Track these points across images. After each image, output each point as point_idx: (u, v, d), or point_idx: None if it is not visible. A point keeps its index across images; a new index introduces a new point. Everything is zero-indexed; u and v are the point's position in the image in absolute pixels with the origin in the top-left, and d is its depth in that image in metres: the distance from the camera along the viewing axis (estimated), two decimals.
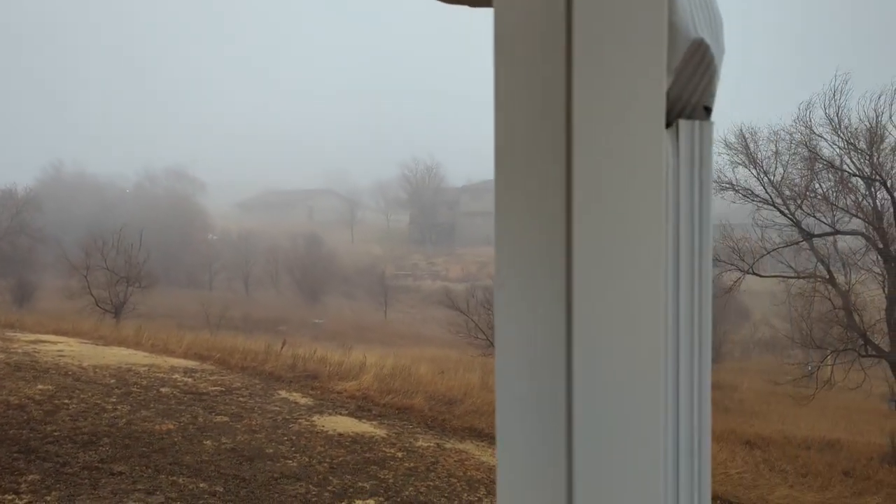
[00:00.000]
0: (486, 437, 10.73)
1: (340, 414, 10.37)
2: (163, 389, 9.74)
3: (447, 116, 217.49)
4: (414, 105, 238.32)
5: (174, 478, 6.10)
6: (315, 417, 9.71)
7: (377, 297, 54.11)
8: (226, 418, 8.71)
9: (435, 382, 14.76)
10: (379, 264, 65.58)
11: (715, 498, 9.15)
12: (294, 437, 8.34)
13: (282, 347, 15.34)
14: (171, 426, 7.85)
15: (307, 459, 7.50)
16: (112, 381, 9.89)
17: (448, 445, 9.44)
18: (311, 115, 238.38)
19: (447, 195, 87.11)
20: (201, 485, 6.04)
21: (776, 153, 14.27)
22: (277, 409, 9.83)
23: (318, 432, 8.84)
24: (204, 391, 10.10)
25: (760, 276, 15.13)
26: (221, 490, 6.00)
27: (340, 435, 8.89)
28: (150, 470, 6.22)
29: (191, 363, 12.57)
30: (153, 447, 6.96)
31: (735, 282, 15.62)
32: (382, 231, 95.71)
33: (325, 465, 7.44)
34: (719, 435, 14.05)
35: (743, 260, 15.00)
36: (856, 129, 13.48)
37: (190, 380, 10.82)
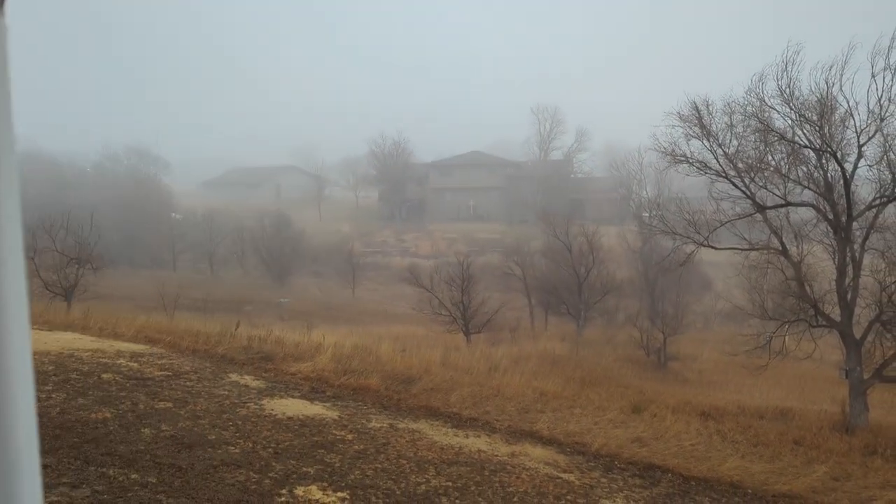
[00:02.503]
0: (442, 415, 10.70)
1: (293, 396, 10.24)
2: (104, 375, 9.50)
3: (413, 91, 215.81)
4: (379, 79, 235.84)
5: (104, 469, 5.92)
6: (265, 401, 9.56)
7: (345, 276, 53.76)
8: (169, 404, 8.52)
9: (394, 361, 14.70)
10: (347, 242, 65.11)
11: (667, 470, 9.22)
12: (240, 422, 8.19)
13: (236, 328, 15.11)
14: (108, 414, 7.64)
15: (251, 445, 7.36)
16: (51, 367, 9.62)
17: (401, 425, 9.37)
18: (278, 91, 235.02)
19: (416, 171, 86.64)
20: (133, 476, 5.87)
21: (730, 125, 14.28)
22: (226, 392, 9.66)
23: (266, 416, 8.70)
24: (149, 376, 9.88)
25: (715, 248, 15.21)
26: (154, 481, 5.84)
27: (289, 418, 8.76)
28: (78, 462, 6.03)
29: (139, 347, 12.31)
30: (85, 437, 6.76)
31: (690, 254, 15.73)
32: (351, 208, 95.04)
33: (270, 450, 7.31)
34: (676, 406, 14.22)
35: (699, 233, 15.06)
36: (807, 100, 13.51)
37: (135, 365, 10.58)
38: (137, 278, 46.59)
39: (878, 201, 13.92)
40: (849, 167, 13.75)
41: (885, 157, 13.58)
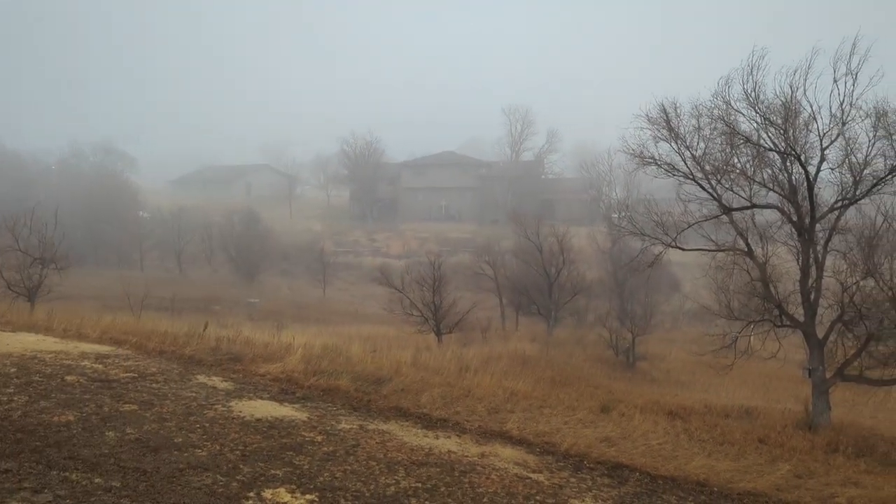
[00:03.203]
0: (412, 416, 10.66)
1: (261, 398, 10.13)
2: (68, 378, 9.32)
3: (387, 91, 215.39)
4: (352, 79, 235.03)
5: (66, 473, 5.81)
6: (233, 402, 9.46)
7: (316, 275, 53.48)
8: (134, 406, 8.38)
9: (365, 362, 14.64)
10: (318, 241, 64.75)
11: (635, 470, 9.30)
12: (207, 425, 8.09)
13: (204, 329, 14.94)
14: (71, 417, 7.50)
15: (218, 448, 7.27)
16: (13, 370, 9.41)
17: (371, 426, 9.32)
18: (252, 89, 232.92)
19: (388, 170, 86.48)
20: (96, 480, 5.77)
21: (697, 128, 14.48)
22: (193, 394, 9.54)
23: (234, 418, 8.60)
24: (114, 378, 9.72)
25: (683, 249, 15.42)
26: (118, 485, 5.75)
27: (258, 420, 8.67)
28: (40, 466, 5.91)
29: (104, 348, 12.09)
30: (48, 441, 6.63)
31: (658, 255, 15.93)
32: (322, 207, 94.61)
33: (237, 452, 7.23)
34: (644, 406, 14.39)
35: (667, 234, 15.25)
36: (771, 103, 13.76)
37: (100, 366, 10.40)
38: (103, 278, 45.86)
39: (840, 204, 14.24)
40: (812, 170, 14.05)
41: (847, 161, 13.91)
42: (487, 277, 40.08)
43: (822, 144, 13.89)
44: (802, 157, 13.86)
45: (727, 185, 14.72)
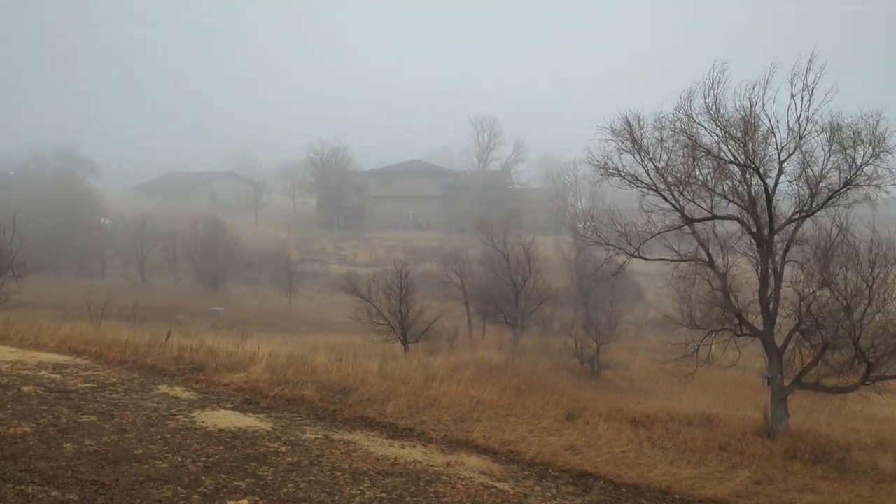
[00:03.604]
0: (378, 425, 10.64)
1: (225, 408, 10.02)
2: (24, 388, 9.12)
3: (354, 99, 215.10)
4: (321, 86, 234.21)
5: (22, 486, 5.69)
6: (196, 413, 9.34)
7: (282, 283, 52.96)
8: (93, 417, 8.24)
9: (330, 371, 14.56)
10: (284, 249, 64.13)
11: (599, 478, 9.39)
12: (168, 436, 7.98)
13: (167, 338, 14.73)
14: (28, 429, 7.34)
15: (180, 459, 7.18)
16: None
17: (336, 437, 9.28)
18: (214, 94, 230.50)
19: (355, 178, 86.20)
20: (53, 493, 5.66)
21: (660, 140, 14.75)
22: (154, 405, 9.40)
23: (196, 429, 8.50)
24: (72, 388, 9.54)
25: (646, 259, 15.66)
26: (76, 498, 5.65)
27: (221, 431, 8.58)
28: None
29: (63, 358, 11.85)
30: (3, 453, 6.48)
31: (622, 265, 16.15)
32: (289, 215, 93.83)
33: (200, 464, 7.14)
34: (608, 414, 14.53)
35: (630, 244, 15.48)
36: (731, 117, 14.09)
37: (58, 376, 10.20)
38: (63, 286, 44.86)
39: (797, 215, 14.61)
40: (771, 182, 14.40)
41: (804, 174, 14.29)
42: (454, 286, 40.12)
43: (780, 157, 14.26)
44: (761, 170, 14.20)
45: (689, 197, 15.01)
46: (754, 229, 14.64)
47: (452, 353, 26.37)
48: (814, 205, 14.32)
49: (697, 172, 14.79)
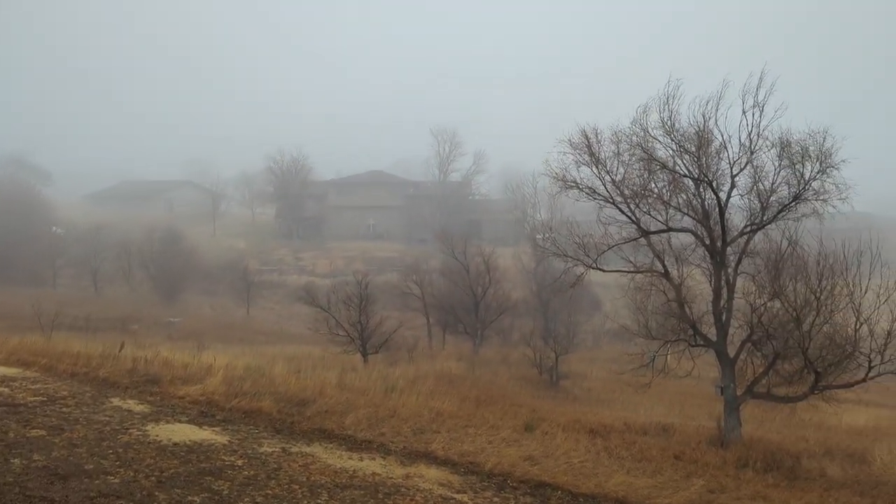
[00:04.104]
0: (337, 438, 10.56)
1: (180, 421, 9.85)
2: None
3: (314, 110, 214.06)
4: (279, 95, 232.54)
5: None
6: (150, 426, 9.16)
7: (240, 294, 52.34)
8: (43, 432, 8.03)
9: (288, 383, 14.41)
10: (243, 259, 63.37)
11: (557, 488, 9.45)
12: (121, 450, 7.81)
13: (120, 349, 14.43)
14: None
15: (132, 474, 7.03)
16: None
17: (294, 449, 9.19)
18: (172, 103, 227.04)
19: (315, 188, 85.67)
20: None
21: (617, 154, 15.00)
22: (106, 418, 9.20)
23: (150, 443, 8.34)
24: (21, 402, 9.28)
25: (603, 270, 15.89)
26: None
27: (175, 444, 8.43)
28: None
29: (11, 370, 11.53)
30: None
31: (580, 276, 16.36)
32: (247, 224, 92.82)
33: (153, 479, 7.01)
34: (566, 424, 14.65)
35: (588, 255, 15.69)
36: (686, 132, 14.41)
37: (6, 389, 9.91)
38: (12, 296, 43.60)
39: (749, 228, 14.99)
40: (723, 196, 14.74)
41: (755, 188, 14.67)
42: (414, 297, 40.13)
43: (732, 172, 14.62)
44: (714, 184, 14.55)
45: (645, 209, 15.28)
46: (708, 242, 14.97)
47: (412, 364, 26.33)
48: (764, 218, 14.70)
49: (653, 185, 15.08)
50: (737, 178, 14.70)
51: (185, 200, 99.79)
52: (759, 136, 14.11)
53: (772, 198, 14.56)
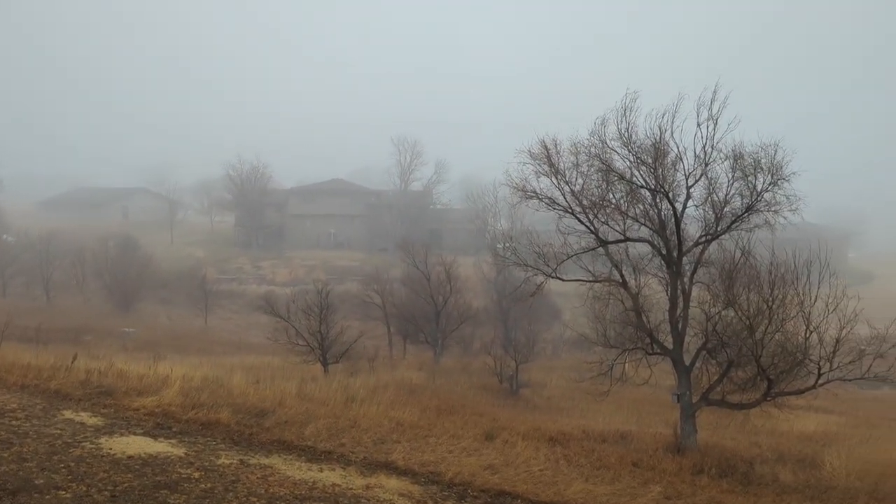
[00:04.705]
0: (296, 449, 10.47)
1: (134, 433, 9.67)
2: None
3: (278, 116, 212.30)
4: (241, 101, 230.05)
5: None
6: (103, 439, 8.98)
7: (198, 303, 51.48)
8: None
9: (247, 393, 14.25)
10: (201, 268, 62.41)
11: (517, 497, 9.52)
12: (73, 464, 7.64)
13: (73, 361, 14.10)
14: None
15: (85, 489, 6.89)
16: None
17: (253, 461, 9.09)
18: (130, 108, 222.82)
19: (275, 196, 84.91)
20: None
21: (576, 164, 15.21)
22: (58, 431, 8.99)
23: (103, 456, 8.18)
24: None
25: (562, 279, 16.06)
26: None
27: (130, 457, 8.28)
28: None
29: None
30: None
31: (539, 285, 16.51)
32: (206, 233, 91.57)
33: (106, 493, 6.88)
34: (526, 433, 14.74)
35: (547, 264, 15.85)
36: (643, 143, 14.69)
37: None
38: None
39: (703, 239, 15.31)
40: (679, 207, 15.04)
41: (710, 199, 15.01)
42: (375, 306, 39.99)
43: (687, 183, 14.93)
44: (670, 195, 14.84)
45: (603, 220, 15.50)
46: (664, 251, 15.25)
47: (373, 374, 26.21)
48: (718, 229, 15.03)
49: (611, 196, 15.31)
50: (692, 190, 15.02)
51: (142, 208, 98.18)
52: (713, 148, 14.44)
53: (725, 209, 14.90)
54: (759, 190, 14.49)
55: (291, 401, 14.13)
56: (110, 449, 8.52)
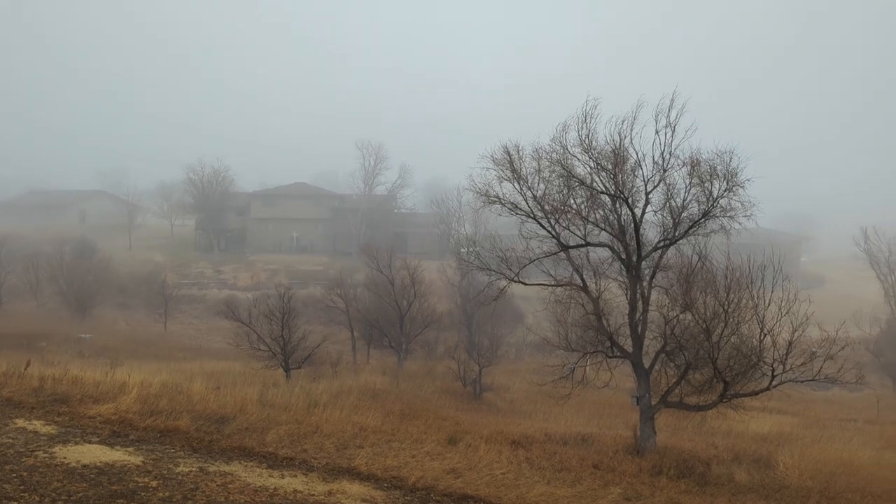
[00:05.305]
0: (257, 455, 10.38)
1: (90, 442, 9.48)
2: None
3: (237, 118, 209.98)
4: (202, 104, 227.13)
5: None
6: (57, 448, 8.79)
7: (157, 308, 50.63)
8: None
9: (207, 400, 14.07)
10: (160, 272, 61.31)
11: (479, 500, 9.57)
12: (25, 474, 7.47)
13: (25, 367, 13.77)
14: None
15: (38, 499, 6.74)
16: None
17: (212, 468, 8.98)
18: (88, 109, 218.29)
19: (237, 200, 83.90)
20: None
21: (538, 170, 15.39)
22: (10, 441, 8.77)
23: (57, 465, 8.00)
24: None
25: (525, 283, 16.22)
26: None
27: (85, 466, 8.11)
28: None
29: None
30: None
31: (502, 289, 16.66)
32: (166, 237, 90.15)
33: (60, 503, 6.75)
34: (489, 436, 14.82)
35: (510, 269, 16.00)
36: (603, 150, 14.93)
37: None
38: None
39: (662, 244, 15.61)
40: (638, 212, 15.33)
41: (668, 205, 15.31)
42: (339, 310, 39.77)
43: (646, 189, 15.22)
44: (630, 200, 15.10)
45: (564, 224, 15.71)
46: (624, 256, 15.50)
47: (336, 379, 26.07)
48: (676, 234, 15.34)
49: (572, 201, 15.52)
50: (651, 195, 15.31)
51: (100, 212, 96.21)
52: (671, 154, 14.75)
53: (683, 214, 15.21)
54: (715, 196, 14.83)
55: (253, 407, 13.99)
56: (64, 458, 8.35)
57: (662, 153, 14.74)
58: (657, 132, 14.55)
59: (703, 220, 15.04)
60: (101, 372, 16.60)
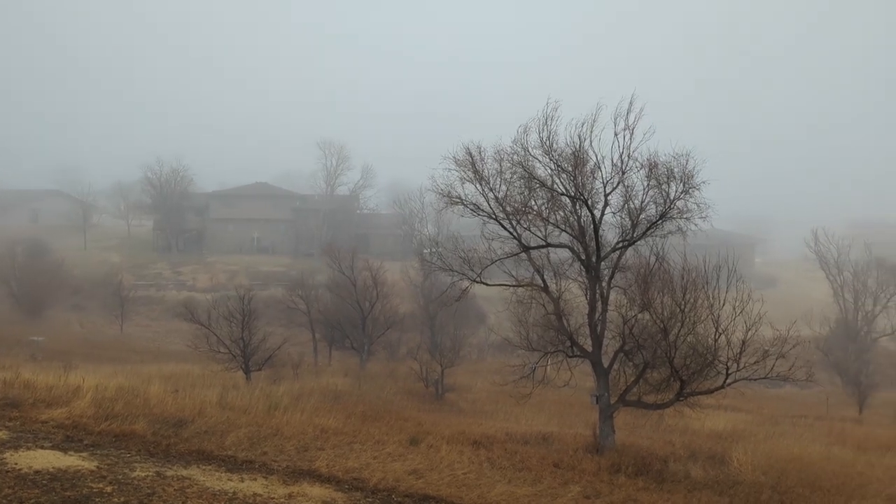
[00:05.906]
0: (216, 459, 10.27)
1: (42, 447, 9.29)
2: None
3: (198, 118, 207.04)
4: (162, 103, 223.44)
5: None
6: (8, 454, 8.59)
7: (113, 310, 49.62)
8: None
9: (165, 403, 13.88)
10: (116, 273, 60.06)
11: (441, 500, 9.61)
12: None
13: None
14: None
15: None
16: None
17: (170, 473, 8.86)
18: (41, 106, 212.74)
19: (196, 200, 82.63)
20: None
21: (500, 172, 15.50)
22: None
23: (7, 472, 7.83)
24: None
25: (487, 284, 16.33)
26: None
27: (37, 472, 7.95)
28: None
29: None
30: None
31: (464, 290, 16.74)
32: (122, 237, 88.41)
33: None
34: (451, 436, 14.87)
35: (472, 269, 16.09)
36: (563, 152, 15.10)
37: None
38: None
39: (620, 244, 15.86)
40: (597, 214, 15.53)
41: (626, 206, 15.55)
42: (300, 312, 39.46)
43: (605, 191, 15.43)
44: (589, 202, 15.30)
45: (526, 226, 15.85)
46: (583, 257, 15.70)
47: (297, 381, 25.88)
48: (635, 235, 15.59)
49: (533, 203, 15.66)
50: (610, 197, 15.52)
51: (54, 211, 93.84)
52: (629, 157, 14.98)
53: (641, 216, 15.45)
54: (672, 198, 15.10)
55: (212, 410, 13.84)
56: (15, 464, 8.16)
57: (621, 155, 14.97)
58: (616, 135, 14.77)
59: (660, 221, 15.30)
60: (54, 375, 16.23)
